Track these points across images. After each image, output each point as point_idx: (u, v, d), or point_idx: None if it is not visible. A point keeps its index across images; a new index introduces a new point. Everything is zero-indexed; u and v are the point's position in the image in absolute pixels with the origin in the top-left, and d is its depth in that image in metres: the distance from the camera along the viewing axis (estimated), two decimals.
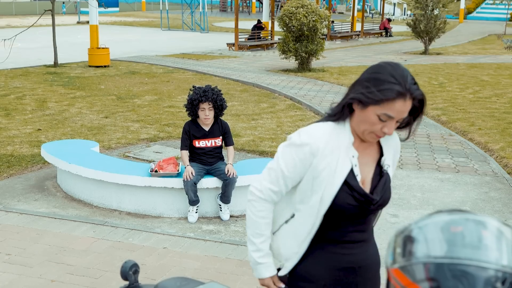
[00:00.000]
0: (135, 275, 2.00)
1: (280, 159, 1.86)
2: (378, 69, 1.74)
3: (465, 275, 0.99)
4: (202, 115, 4.63)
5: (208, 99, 4.56)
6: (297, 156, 1.80)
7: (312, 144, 1.78)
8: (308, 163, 1.80)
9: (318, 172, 1.79)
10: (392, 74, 1.70)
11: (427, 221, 1.11)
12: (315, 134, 1.80)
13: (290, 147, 1.83)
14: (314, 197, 1.82)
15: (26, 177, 5.76)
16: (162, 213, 4.87)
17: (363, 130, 1.78)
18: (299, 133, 1.83)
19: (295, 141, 1.82)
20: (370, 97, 1.71)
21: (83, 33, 24.32)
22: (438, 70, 14.59)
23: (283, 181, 1.86)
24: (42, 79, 12.08)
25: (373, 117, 1.72)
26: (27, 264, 3.83)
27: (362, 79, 1.76)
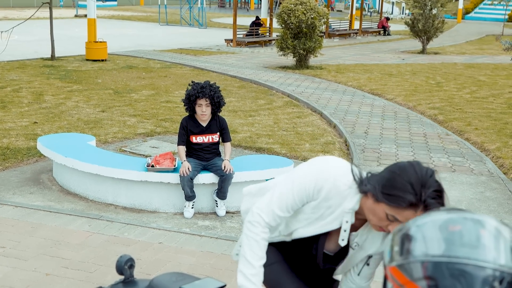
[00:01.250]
0: (130, 270, 1.99)
1: (295, 187, 1.86)
2: (400, 171, 1.71)
3: (463, 274, 0.99)
4: (199, 111, 4.61)
5: (205, 95, 4.54)
6: (308, 187, 1.85)
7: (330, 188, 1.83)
8: (309, 197, 1.86)
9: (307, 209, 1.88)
10: (411, 181, 1.66)
11: (426, 220, 1.11)
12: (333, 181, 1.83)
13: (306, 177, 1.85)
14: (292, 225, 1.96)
15: (21, 170, 5.74)
16: (158, 208, 4.86)
17: (370, 220, 1.80)
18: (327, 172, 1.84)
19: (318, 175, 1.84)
20: (381, 198, 1.71)
21: (80, 27, 24.22)
22: (436, 70, 14.61)
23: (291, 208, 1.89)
24: (39, 72, 12.03)
25: (382, 214, 1.73)
26: (22, 257, 3.82)
27: (383, 175, 1.75)
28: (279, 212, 1.87)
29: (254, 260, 1.85)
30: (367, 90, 11.24)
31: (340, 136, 7.69)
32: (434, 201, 1.65)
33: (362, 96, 10.65)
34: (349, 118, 8.63)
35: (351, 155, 6.69)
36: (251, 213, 1.90)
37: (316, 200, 1.84)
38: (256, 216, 1.88)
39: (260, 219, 1.88)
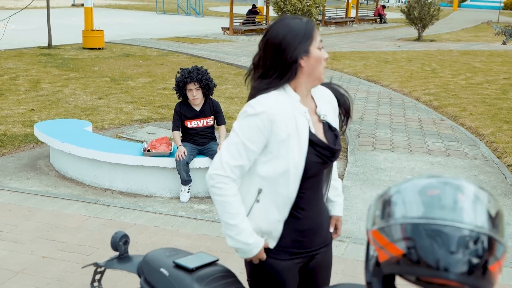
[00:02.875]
0: (125, 246, 2.05)
1: (238, 133, 1.81)
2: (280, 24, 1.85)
3: (439, 234, 1.03)
4: (190, 96, 4.65)
5: (193, 80, 4.58)
6: (256, 126, 1.78)
7: (268, 111, 1.78)
8: (268, 131, 1.79)
9: (281, 137, 1.79)
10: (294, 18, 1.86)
11: (406, 185, 1.15)
12: (268, 102, 1.79)
13: (247, 118, 1.80)
14: (282, 163, 1.80)
15: (18, 156, 5.77)
16: (154, 193, 4.91)
17: (319, 72, 1.84)
18: (250, 105, 1.81)
19: (251, 112, 1.79)
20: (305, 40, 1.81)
21: (77, 16, 24.11)
22: (431, 57, 14.62)
23: (246, 154, 1.80)
24: (36, 60, 12.01)
25: (318, 52, 1.83)
26: (19, 240, 3.86)
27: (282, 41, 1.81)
28: (232, 161, 1.80)
29: (232, 219, 1.81)
30: (363, 77, 11.26)
31: None
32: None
33: (358, 82, 10.68)
34: None
35: (346, 140, 6.73)
36: (209, 177, 1.84)
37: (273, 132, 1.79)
38: (214, 177, 1.82)
39: (220, 177, 1.81)
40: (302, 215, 1.89)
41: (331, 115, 1.97)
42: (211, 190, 1.84)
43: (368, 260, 1.19)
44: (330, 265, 2.08)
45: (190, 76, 4.57)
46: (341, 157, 6.17)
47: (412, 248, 1.05)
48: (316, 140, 1.83)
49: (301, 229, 1.90)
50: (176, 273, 1.78)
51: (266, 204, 1.85)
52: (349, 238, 4.02)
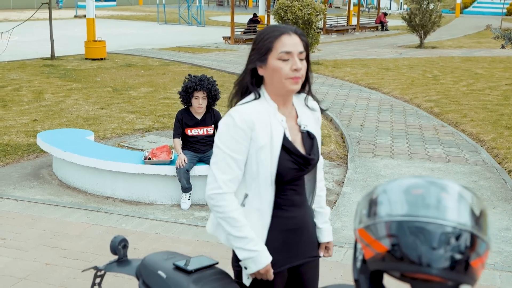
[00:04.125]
0: (124, 250, 2.08)
1: (222, 147, 1.85)
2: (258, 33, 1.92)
3: (422, 231, 1.07)
4: (196, 103, 4.70)
5: (203, 88, 4.64)
6: (238, 136, 1.83)
7: (247, 120, 1.83)
8: (248, 139, 1.84)
9: (259, 144, 1.84)
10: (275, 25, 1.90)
11: (392, 185, 1.19)
12: (246, 110, 1.85)
13: (229, 130, 1.84)
14: (261, 169, 1.85)
15: (22, 165, 5.83)
16: (155, 200, 4.95)
17: (279, 82, 1.84)
18: (230, 115, 1.85)
19: (231, 123, 1.84)
20: (261, 48, 1.84)
21: (80, 27, 24.30)
22: (433, 63, 14.66)
23: (235, 165, 1.85)
24: (39, 71, 12.12)
25: (276, 63, 1.83)
26: (22, 248, 3.91)
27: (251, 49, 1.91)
28: (225, 176, 1.84)
29: (240, 232, 1.85)
30: (364, 84, 11.31)
31: (336, 129, 7.77)
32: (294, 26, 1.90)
33: (358, 90, 10.72)
34: (345, 112, 8.71)
35: (347, 147, 6.76)
36: (208, 198, 1.87)
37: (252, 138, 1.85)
38: (213, 197, 1.86)
39: (218, 196, 1.85)
40: (287, 215, 1.94)
41: (312, 124, 2.01)
42: (213, 209, 1.88)
43: (355, 258, 1.23)
44: (317, 277, 2.13)
45: (201, 84, 4.63)
46: (341, 163, 6.21)
47: (396, 245, 1.08)
48: (291, 148, 1.88)
49: (287, 228, 1.95)
50: (173, 275, 1.81)
51: (251, 209, 1.90)
52: (348, 244, 4.04)
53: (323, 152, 6.52)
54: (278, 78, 1.84)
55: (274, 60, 1.83)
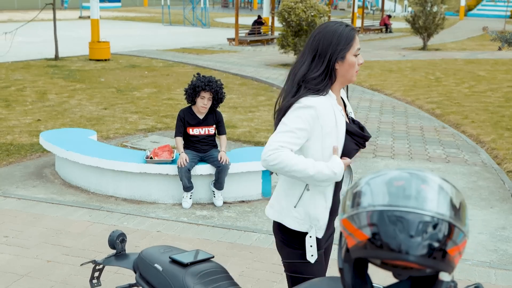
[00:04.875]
0: (122, 244, 2.14)
1: (287, 122, 1.99)
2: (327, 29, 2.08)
3: (401, 220, 1.12)
4: (201, 103, 4.76)
5: (211, 89, 4.71)
6: (304, 115, 1.99)
7: (316, 107, 2.01)
8: (313, 124, 2.00)
9: (325, 131, 2.02)
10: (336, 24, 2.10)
11: (375, 177, 1.24)
12: (315, 100, 2.02)
13: (296, 110, 2.00)
14: (326, 153, 2.03)
15: (25, 164, 5.89)
16: (157, 199, 5.00)
17: (351, 74, 2.10)
18: (300, 101, 2.02)
19: (300, 105, 2.00)
20: (345, 47, 2.05)
21: (84, 28, 24.43)
22: (436, 66, 14.68)
23: (293, 139, 1.97)
24: (43, 72, 12.21)
25: (353, 58, 2.08)
26: (24, 245, 3.96)
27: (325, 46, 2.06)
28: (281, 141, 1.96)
29: (312, 168, 1.95)
30: (367, 86, 11.34)
31: None
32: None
33: (361, 91, 10.76)
34: None
35: None
36: (263, 161, 1.96)
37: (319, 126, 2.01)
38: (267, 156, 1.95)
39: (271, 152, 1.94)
40: (336, 198, 2.15)
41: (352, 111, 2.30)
42: (273, 168, 1.96)
43: (340, 248, 1.28)
44: None
45: (210, 85, 4.70)
46: None
47: (376, 233, 1.13)
48: (354, 131, 2.11)
49: (337, 209, 2.15)
50: (169, 268, 1.86)
51: (315, 192, 2.07)
52: None
53: None
54: (352, 72, 2.08)
55: (351, 56, 2.06)
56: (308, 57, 2.08)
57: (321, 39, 2.06)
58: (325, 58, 2.04)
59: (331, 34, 2.05)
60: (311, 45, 2.08)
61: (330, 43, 2.04)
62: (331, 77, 2.06)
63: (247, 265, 3.75)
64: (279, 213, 2.14)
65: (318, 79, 2.05)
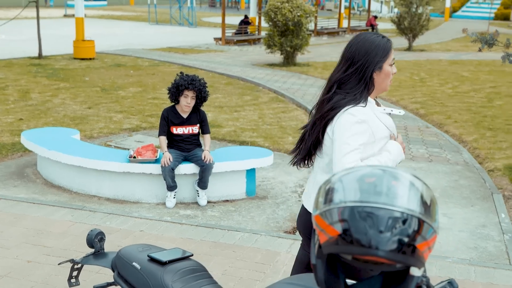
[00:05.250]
0: (100, 243, 2.12)
1: (350, 140, 2.11)
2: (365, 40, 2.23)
3: (371, 216, 1.13)
4: (184, 102, 4.75)
5: (194, 88, 4.70)
6: (361, 131, 2.14)
7: (367, 120, 2.16)
8: (369, 136, 2.16)
9: (382, 135, 2.20)
10: (374, 35, 2.25)
11: (347, 174, 1.24)
12: (364, 111, 2.16)
13: (353, 126, 2.13)
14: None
15: (6, 164, 5.82)
16: (141, 199, 4.97)
17: (386, 84, 2.25)
18: (352, 114, 2.14)
19: (355, 119, 2.13)
20: (382, 58, 2.19)
21: (69, 26, 24.21)
22: (420, 66, 14.81)
23: (360, 151, 2.13)
24: (26, 70, 12.08)
25: (389, 68, 2.24)
26: (4, 246, 3.91)
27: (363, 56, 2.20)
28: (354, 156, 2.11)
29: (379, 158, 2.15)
30: None
31: None
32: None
33: None
34: None
35: None
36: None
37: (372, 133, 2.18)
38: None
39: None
40: None
41: None
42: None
43: (313, 244, 1.28)
44: None
45: (193, 84, 4.68)
46: None
47: (347, 229, 1.14)
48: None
49: None
50: (147, 266, 1.85)
51: None
52: None
53: None
54: (387, 81, 2.24)
55: (387, 66, 2.22)
56: (344, 66, 2.22)
57: (359, 49, 2.19)
58: (362, 68, 2.17)
59: (368, 45, 2.19)
60: (348, 55, 2.22)
61: (368, 54, 2.18)
62: (369, 87, 2.19)
63: (230, 264, 3.75)
64: None
65: (354, 88, 2.18)
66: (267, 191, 5.32)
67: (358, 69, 2.18)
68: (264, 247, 4.01)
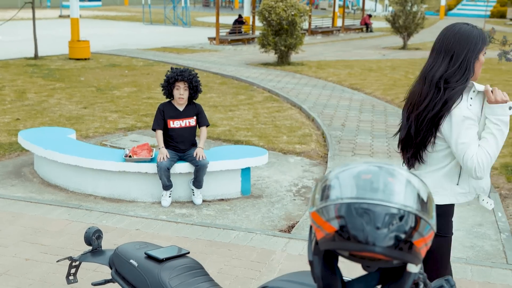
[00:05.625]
0: (98, 240, 2.16)
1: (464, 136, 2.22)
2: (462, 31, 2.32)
3: (368, 212, 1.15)
4: (177, 94, 4.80)
5: (184, 78, 4.76)
6: (469, 124, 2.23)
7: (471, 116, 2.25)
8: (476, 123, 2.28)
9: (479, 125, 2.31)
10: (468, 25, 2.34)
11: (343, 171, 1.27)
12: (464, 106, 2.24)
13: (463, 122, 2.23)
14: None
15: (3, 164, 5.85)
16: (137, 198, 5.01)
17: (479, 72, 2.34)
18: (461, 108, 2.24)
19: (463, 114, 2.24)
20: (481, 47, 2.30)
21: (65, 27, 24.16)
22: (415, 65, 14.87)
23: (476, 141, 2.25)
24: (22, 71, 12.07)
25: (482, 57, 2.33)
26: (2, 244, 3.95)
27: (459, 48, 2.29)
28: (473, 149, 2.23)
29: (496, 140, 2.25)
30: (347, 85, 11.46)
31: (318, 128, 7.89)
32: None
33: (341, 90, 10.86)
34: (327, 112, 8.83)
35: (327, 146, 6.88)
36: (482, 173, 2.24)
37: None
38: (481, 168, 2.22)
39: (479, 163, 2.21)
40: None
41: None
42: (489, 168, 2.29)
43: (310, 241, 1.32)
44: None
45: (182, 75, 4.75)
46: (321, 162, 6.32)
47: (343, 226, 1.17)
48: None
49: None
50: (145, 264, 1.89)
51: None
52: None
53: (304, 151, 6.63)
54: (480, 70, 2.34)
55: (482, 56, 2.32)
56: (445, 59, 2.29)
57: (458, 41, 2.28)
58: (463, 59, 2.26)
59: (467, 36, 2.28)
60: (446, 48, 2.30)
61: (469, 44, 2.27)
62: (470, 76, 2.27)
63: (226, 263, 3.79)
64: (443, 196, 2.34)
65: (459, 79, 2.25)
66: (262, 190, 5.36)
67: (463, 61, 2.26)
68: (259, 246, 4.05)
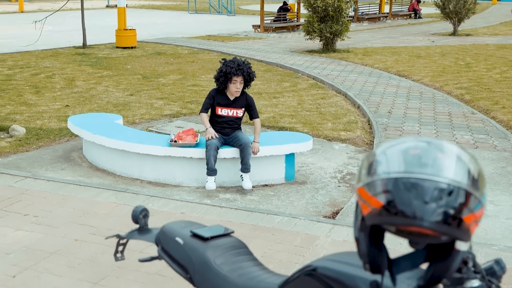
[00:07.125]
0: (145, 219, 2.16)
1: None
2: None
3: (416, 187, 1.11)
4: (233, 88, 4.79)
5: (243, 73, 4.74)
6: None
7: None
8: None
9: None
10: None
11: (391, 147, 1.22)
12: None
13: None
14: None
15: (53, 148, 6.02)
16: (182, 182, 5.05)
17: None
18: None
19: None
20: None
21: (111, 16, 24.68)
22: (466, 51, 14.35)
23: None
24: (71, 59, 12.41)
25: None
26: (53, 225, 4.06)
27: None
28: None
29: None
30: (394, 72, 11.17)
31: (364, 115, 7.73)
32: None
33: (388, 77, 10.60)
34: (373, 99, 8.64)
35: (373, 133, 6.73)
36: None
37: None
38: None
39: None
40: None
41: None
42: None
43: (356, 218, 1.27)
44: None
45: (240, 69, 4.73)
46: (366, 149, 6.19)
47: (391, 200, 1.12)
48: None
49: None
50: (190, 242, 1.88)
51: None
52: None
53: (349, 138, 6.51)
54: None
55: None
56: None
57: None
58: None
59: None
60: None
61: None
62: None
63: (269, 247, 3.77)
64: None
65: None
66: (306, 176, 5.30)
67: None
68: (303, 231, 4.01)
